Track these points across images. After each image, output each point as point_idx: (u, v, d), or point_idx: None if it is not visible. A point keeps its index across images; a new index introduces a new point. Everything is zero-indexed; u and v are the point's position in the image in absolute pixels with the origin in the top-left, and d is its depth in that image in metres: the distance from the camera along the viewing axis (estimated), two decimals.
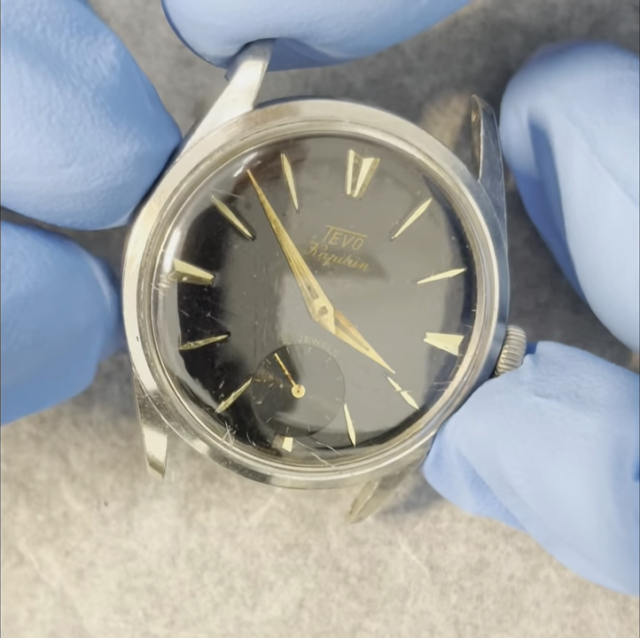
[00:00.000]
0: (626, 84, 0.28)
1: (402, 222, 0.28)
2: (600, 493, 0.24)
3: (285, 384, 0.28)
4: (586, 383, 0.26)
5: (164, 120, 0.26)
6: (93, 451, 0.34)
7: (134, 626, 0.34)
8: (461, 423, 0.28)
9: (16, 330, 0.24)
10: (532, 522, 0.28)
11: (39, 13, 0.24)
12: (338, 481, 0.28)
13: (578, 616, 0.34)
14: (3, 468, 0.34)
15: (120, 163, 0.24)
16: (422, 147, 0.27)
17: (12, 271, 0.24)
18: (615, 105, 0.28)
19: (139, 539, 0.34)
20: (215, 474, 0.34)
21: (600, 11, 0.34)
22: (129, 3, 0.33)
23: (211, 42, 0.26)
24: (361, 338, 0.28)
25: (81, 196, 0.25)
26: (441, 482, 0.29)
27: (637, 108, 0.28)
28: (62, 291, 0.25)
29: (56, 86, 0.24)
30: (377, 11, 0.24)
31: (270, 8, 0.24)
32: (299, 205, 0.27)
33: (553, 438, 0.25)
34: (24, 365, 0.25)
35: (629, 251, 0.27)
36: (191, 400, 0.28)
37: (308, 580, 0.34)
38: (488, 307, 0.28)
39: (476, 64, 0.34)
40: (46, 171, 0.24)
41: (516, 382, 0.27)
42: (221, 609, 0.34)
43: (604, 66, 0.29)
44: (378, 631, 0.34)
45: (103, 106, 0.24)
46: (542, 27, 0.34)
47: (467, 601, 0.34)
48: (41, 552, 0.34)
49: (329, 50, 0.26)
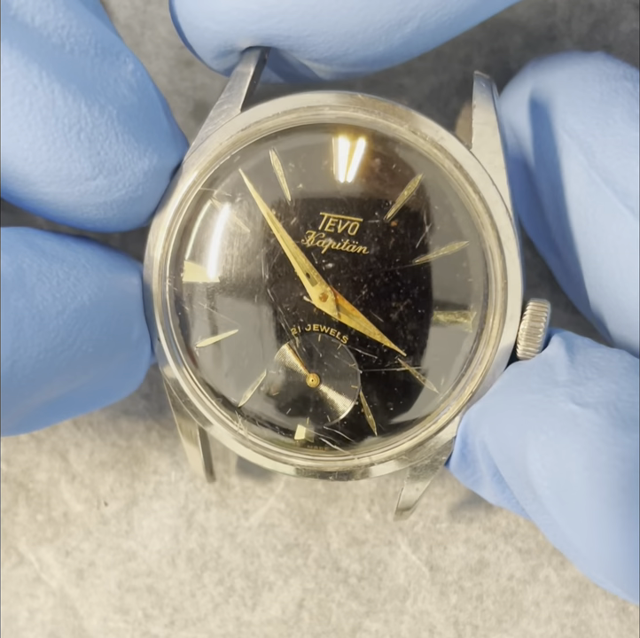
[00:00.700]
0: (621, 95, 0.28)
1: (395, 202, 0.27)
2: (629, 520, 0.24)
3: (299, 374, 0.28)
4: (626, 395, 0.25)
5: (177, 132, 0.28)
6: (93, 451, 0.34)
7: (134, 627, 0.34)
8: (489, 416, 0.27)
9: (80, 339, 0.26)
10: (551, 529, 0.27)
11: (68, 35, 0.26)
12: (361, 470, 0.28)
13: (578, 616, 0.34)
14: (3, 468, 0.34)
15: (140, 175, 0.26)
16: (408, 124, 0.27)
17: (77, 284, 0.26)
18: (611, 116, 0.28)
19: (139, 539, 0.34)
20: (215, 474, 0.34)
21: (600, 10, 0.34)
22: (129, 4, 0.33)
23: (207, 46, 0.28)
24: (367, 323, 0.28)
25: (105, 205, 0.27)
26: (465, 469, 0.29)
27: (634, 119, 0.27)
28: (118, 303, 0.27)
29: (85, 105, 0.25)
30: (361, 33, 0.26)
31: (262, 19, 0.26)
32: (291, 196, 0.28)
33: (588, 454, 0.24)
34: (83, 371, 0.27)
35: (631, 264, 0.27)
36: (213, 395, 0.29)
37: (308, 581, 0.34)
38: (499, 277, 0.27)
39: (476, 64, 0.34)
40: (74, 183, 0.26)
41: (551, 381, 0.26)
42: (221, 609, 0.34)
43: (597, 76, 0.29)
44: (378, 631, 0.34)
45: (126, 123, 0.26)
46: (542, 27, 0.33)
47: (467, 601, 0.34)
48: (41, 552, 0.34)
49: (317, 64, 0.28)
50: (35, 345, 0.25)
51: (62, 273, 0.26)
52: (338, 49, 0.27)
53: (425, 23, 0.26)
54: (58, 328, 0.25)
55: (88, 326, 0.26)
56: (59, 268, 0.26)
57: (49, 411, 0.27)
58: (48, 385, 0.26)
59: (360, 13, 0.26)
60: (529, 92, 0.30)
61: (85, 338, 0.26)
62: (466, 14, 0.26)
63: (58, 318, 0.25)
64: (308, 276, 0.28)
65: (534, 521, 0.27)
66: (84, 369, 0.26)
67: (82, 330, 0.26)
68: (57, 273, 0.26)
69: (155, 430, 0.34)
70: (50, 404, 0.27)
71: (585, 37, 0.34)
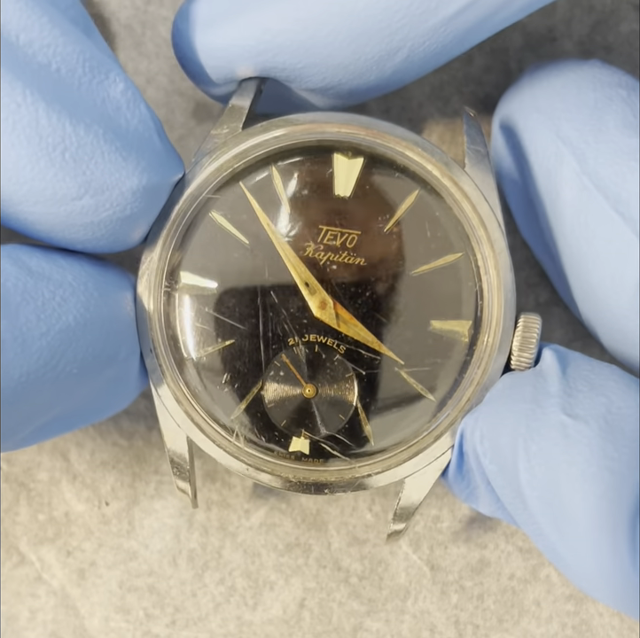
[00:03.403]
0: (615, 102, 0.28)
1: (393, 215, 0.28)
2: (617, 532, 0.24)
3: (296, 384, 0.28)
4: (615, 408, 0.26)
5: (170, 152, 0.27)
6: (94, 451, 0.34)
7: (135, 626, 0.34)
8: (481, 426, 0.27)
9: (63, 360, 0.25)
10: (540, 539, 0.27)
11: (54, 54, 0.25)
12: (360, 481, 0.28)
13: (578, 615, 0.34)
14: (4, 468, 0.34)
15: (128, 195, 0.26)
16: (405, 144, 0.28)
17: (62, 304, 0.26)
18: (605, 123, 0.28)
19: (140, 538, 0.34)
20: (216, 474, 0.34)
21: (600, 11, 0.34)
22: (130, 4, 0.34)
23: (207, 78, 0.29)
24: (366, 332, 0.28)
25: (92, 225, 0.26)
26: (461, 480, 0.29)
27: (627, 126, 0.28)
28: (106, 322, 0.27)
29: (70, 124, 0.25)
30: (353, 64, 0.27)
31: (259, 53, 0.27)
32: (291, 209, 0.28)
33: (577, 465, 0.25)
34: (68, 392, 0.26)
35: (622, 270, 0.27)
36: (206, 407, 0.28)
37: (309, 580, 0.34)
38: (492, 289, 0.28)
39: (476, 64, 0.34)
40: (59, 203, 0.25)
41: (543, 392, 0.26)
42: (222, 608, 0.34)
43: (592, 84, 0.29)
44: (379, 630, 0.34)
45: (113, 142, 0.26)
46: (542, 27, 0.34)
47: (468, 600, 0.34)
48: (42, 552, 0.34)
49: (313, 94, 0.29)
50: (17, 367, 0.24)
51: (48, 292, 0.25)
52: (331, 79, 0.28)
53: (414, 52, 0.27)
54: (42, 349, 0.25)
55: (72, 347, 0.25)
56: (45, 287, 0.25)
57: (34, 431, 0.27)
58: (30, 407, 0.25)
59: (350, 46, 0.27)
60: (526, 99, 0.30)
61: (69, 360, 0.25)
62: (453, 43, 0.27)
63: (41, 339, 0.25)
64: (307, 285, 0.28)
65: (525, 531, 0.27)
66: (69, 389, 0.26)
67: (67, 352, 0.25)
68: (42, 292, 0.25)
69: (156, 429, 0.34)
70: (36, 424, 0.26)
71: (585, 38, 0.34)
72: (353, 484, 0.28)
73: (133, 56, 0.34)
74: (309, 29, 0.27)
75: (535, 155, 0.29)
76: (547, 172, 0.29)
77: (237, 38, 0.27)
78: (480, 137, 0.29)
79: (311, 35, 0.27)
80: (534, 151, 0.29)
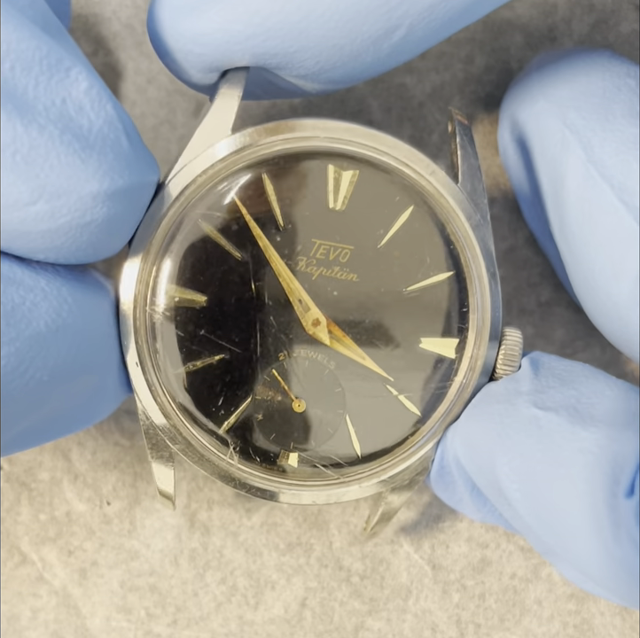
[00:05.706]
0: (623, 92, 0.28)
1: (387, 231, 0.28)
2: (596, 510, 0.24)
3: (285, 399, 0.28)
4: (585, 398, 0.26)
5: (140, 154, 0.26)
6: (95, 450, 0.34)
7: (136, 626, 0.34)
8: (460, 430, 0.28)
9: (32, 367, 0.24)
10: (529, 534, 0.27)
11: (7, 51, 0.24)
12: (346, 493, 0.28)
13: (580, 614, 0.34)
14: (5, 467, 0.34)
15: (88, 200, 0.24)
16: (399, 157, 0.28)
17: (33, 309, 0.24)
18: (612, 112, 0.28)
19: (142, 538, 0.34)
20: None
21: (601, 11, 0.34)
22: (131, 3, 0.33)
23: (190, 69, 0.27)
24: (356, 348, 0.28)
25: (49, 233, 0.24)
26: (445, 490, 0.29)
27: (634, 116, 0.28)
28: (80, 329, 0.26)
29: (20, 124, 0.23)
30: (349, 45, 0.25)
31: (247, 39, 0.25)
32: (284, 221, 0.28)
33: (550, 452, 0.25)
34: (38, 399, 0.25)
35: (623, 259, 0.27)
36: (194, 421, 0.28)
37: (311, 579, 0.34)
38: (480, 308, 0.28)
39: (477, 63, 0.34)
40: (12, 208, 0.24)
41: (515, 392, 0.27)
42: (223, 608, 0.34)
43: (601, 73, 0.29)
44: (381, 630, 0.34)
45: (70, 144, 0.24)
46: (542, 27, 0.34)
47: (469, 599, 0.34)
48: (44, 552, 0.34)
49: (304, 81, 0.27)
50: None
51: (17, 297, 0.24)
52: (325, 63, 0.26)
53: (413, 30, 0.26)
54: (9, 355, 0.24)
55: (42, 354, 0.24)
56: (15, 292, 0.24)
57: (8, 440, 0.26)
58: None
59: (347, 25, 0.25)
60: (534, 86, 0.30)
61: (39, 367, 0.24)
62: (454, 18, 0.26)
63: (9, 345, 0.24)
64: (301, 301, 0.28)
65: (515, 528, 0.28)
66: (40, 398, 0.25)
67: (36, 359, 0.24)
68: (12, 297, 0.24)
69: None
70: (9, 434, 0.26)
71: (585, 37, 0.34)
72: (340, 496, 0.28)
73: (134, 55, 0.34)
74: (303, 8, 0.25)
75: (541, 143, 0.29)
76: (552, 160, 0.29)
77: (222, 22, 0.25)
78: (473, 147, 0.28)
79: (305, 15, 0.25)
80: (541, 138, 0.29)
